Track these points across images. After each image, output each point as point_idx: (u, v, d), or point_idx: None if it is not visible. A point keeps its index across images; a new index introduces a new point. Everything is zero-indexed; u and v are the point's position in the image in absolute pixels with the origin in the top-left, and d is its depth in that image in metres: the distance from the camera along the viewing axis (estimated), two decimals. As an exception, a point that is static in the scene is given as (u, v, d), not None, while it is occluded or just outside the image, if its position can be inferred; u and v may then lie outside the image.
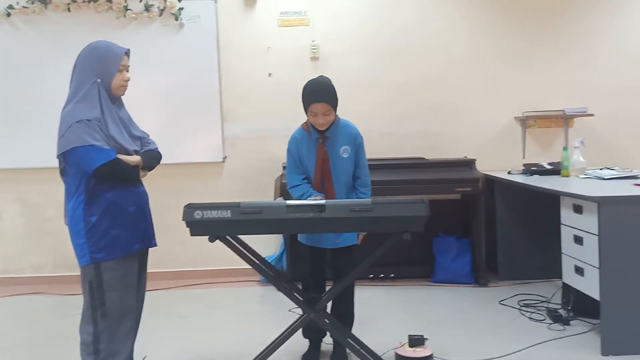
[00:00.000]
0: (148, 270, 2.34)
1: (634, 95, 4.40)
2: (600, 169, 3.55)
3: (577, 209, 2.82)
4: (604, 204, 2.60)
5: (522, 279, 3.90)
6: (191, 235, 2.09)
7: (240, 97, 4.34)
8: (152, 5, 4.18)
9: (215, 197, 4.23)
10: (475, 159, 4.08)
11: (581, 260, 2.81)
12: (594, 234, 2.66)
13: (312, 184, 2.55)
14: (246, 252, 2.28)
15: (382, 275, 4.04)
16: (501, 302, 3.49)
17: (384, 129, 4.32)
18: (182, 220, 2.05)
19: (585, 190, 2.80)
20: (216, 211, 2.04)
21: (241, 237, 2.30)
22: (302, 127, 2.60)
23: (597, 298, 2.65)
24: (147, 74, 4.02)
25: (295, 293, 2.37)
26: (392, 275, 4.06)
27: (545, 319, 3.13)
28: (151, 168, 2.25)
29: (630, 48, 4.41)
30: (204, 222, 2.04)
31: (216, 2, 4.26)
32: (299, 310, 2.47)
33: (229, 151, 4.37)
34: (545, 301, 3.38)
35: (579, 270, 2.84)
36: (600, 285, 2.62)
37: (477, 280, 3.91)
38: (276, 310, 3.46)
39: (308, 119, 2.52)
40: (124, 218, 2.10)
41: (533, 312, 3.25)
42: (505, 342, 2.83)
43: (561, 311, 3.15)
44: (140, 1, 4.19)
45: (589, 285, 2.74)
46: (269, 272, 2.40)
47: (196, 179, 4.34)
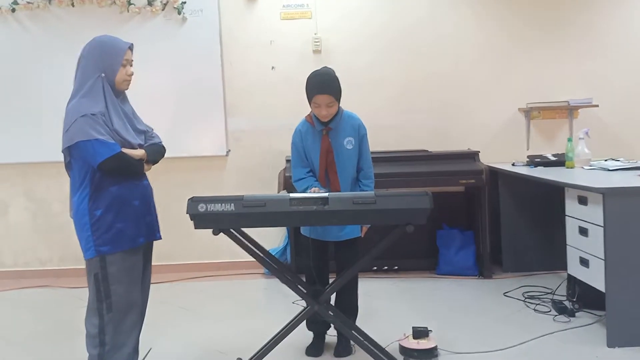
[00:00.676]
0: (153, 263, 2.35)
1: (639, 85, 4.36)
2: (605, 160, 3.52)
3: (582, 201, 2.81)
4: (609, 195, 2.58)
5: (526, 271, 3.89)
6: (195, 228, 2.09)
7: (244, 90, 4.34)
8: (155, -1, 4.19)
9: (219, 190, 4.24)
10: (479, 151, 4.05)
11: (586, 251, 2.80)
12: (599, 226, 2.65)
13: (317, 176, 2.55)
14: (250, 244, 2.28)
15: (386, 267, 4.05)
16: (506, 294, 3.48)
17: (389, 122, 4.30)
18: (186, 213, 2.06)
19: (590, 182, 2.78)
20: (220, 204, 2.04)
21: (245, 230, 2.31)
22: (305, 119, 2.60)
23: (603, 290, 2.65)
24: (150, 68, 4.01)
25: (299, 285, 2.37)
26: (396, 267, 4.06)
27: (550, 311, 3.13)
28: (155, 162, 2.26)
29: (635, 38, 4.37)
30: (207, 215, 2.04)
31: (218, -5, 4.26)
32: (303, 303, 2.48)
33: (232, 145, 4.37)
34: (550, 293, 3.37)
35: (584, 262, 2.83)
36: (605, 276, 2.61)
37: (481, 272, 3.91)
38: (280, 303, 3.47)
39: (311, 110, 2.52)
40: (129, 211, 2.11)
41: (538, 304, 3.24)
42: (510, 334, 2.83)
43: (566, 303, 3.14)
44: (143, -5, 4.19)
45: (594, 277, 2.73)
46: (272, 265, 2.40)
47: (200, 173, 4.34)
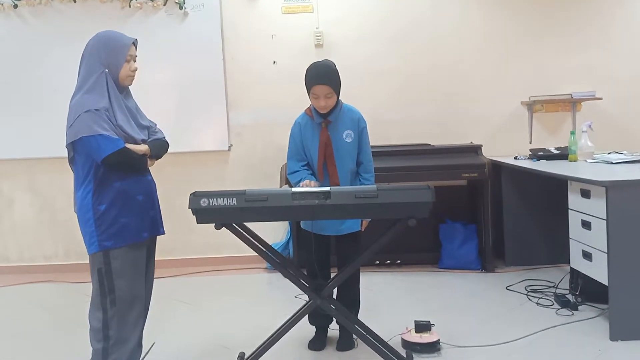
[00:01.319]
0: (156, 257, 2.36)
1: (643, 78, 4.35)
2: (609, 153, 3.50)
3: (585, 194, 2.80)
4: (612, 189, 2.57)
5: (529, 265, 3.89)
6: (197, 222, 2.10)
7: (245, 85, 4.34)
8: (157, -6, 4.18)
9: (221, 185, 4.26)
10: (482, 145, 4.05)
11: (589, 245, 2.80)
12: (602, 219, 2.64)
13: (315, 168, 2.55)
14: (252, 239, 2.29)
15: (389, 261, 4.06)
16: (508, 287, 3.48)
17: (391, 116, 4.30)
18: (188, 208, 2.06)
19: (593, 175, 2.77)
20: (222, 199, 2.04)
21: (247, 224, 2.31)
22: (305, 112, 2.60)
23: (606, 283, 2.64)
24: (152, 63, 4.01)
25: (301, 280, 2.38)
26: (399, 261, 4.07)
27: (553, 305, 3.13)
28: (159, 157, 2.26)
29: (638, 31, 4.34)
30: (210, 209, 2.04)
31: (220, -10, 4.25)
32: (305, 297, 2.49)
33: (234, 139, 4.37)
34: (553, 286, 3.38)
35: (587, 255, 2.82)
36: (608, 270, 2.60)
37: (484, 266, 3.91)
38: (282, 297, 3.48)
39: (310, 102, 2.52)
40: (133, 206, 2.11)
41: (541, 298, 3.24)
42: (512, 327, 2.83)
43: (569, 296, 3.14)
44: (145, -10, 4.19)
45: (597, 270, 2.73)
46: (275, 259, 2.40)
47: (202, 168, 4.35)
